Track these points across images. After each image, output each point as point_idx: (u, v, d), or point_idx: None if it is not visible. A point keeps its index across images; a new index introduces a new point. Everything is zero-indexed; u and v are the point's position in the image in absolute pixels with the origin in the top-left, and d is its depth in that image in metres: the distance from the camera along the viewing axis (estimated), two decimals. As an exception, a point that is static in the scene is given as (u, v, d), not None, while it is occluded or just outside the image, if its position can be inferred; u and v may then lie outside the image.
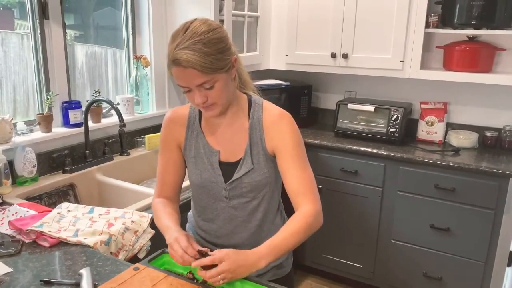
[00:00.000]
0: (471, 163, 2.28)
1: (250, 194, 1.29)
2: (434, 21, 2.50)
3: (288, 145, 1.25)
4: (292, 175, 1.24)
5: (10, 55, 2.00)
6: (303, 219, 1.19)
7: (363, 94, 3.06)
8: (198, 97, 1.15)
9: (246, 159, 1.26)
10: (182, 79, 1.13)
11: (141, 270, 1.16)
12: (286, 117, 1.28)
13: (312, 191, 1.25)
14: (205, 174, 1.30)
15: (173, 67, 1.12)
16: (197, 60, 1.08)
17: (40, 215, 1.45)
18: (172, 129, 1.33)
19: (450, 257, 2.41)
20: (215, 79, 1.13)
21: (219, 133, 1.30)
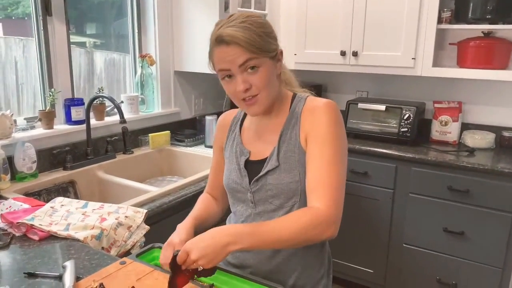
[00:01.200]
0: (487, 164, 2.17)
1: (276, 201, 1.15)
2: (447, 16, 2.41)
3: (318, 132, 1.08)
4: (314, 166, 1.06)
5: (31, 61, 2.03)
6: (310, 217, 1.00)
7: (375, 94, 2.98)
8: (240, 82, 1.06)
9: (272, 156, 1.15)
10: (224, 60, 1.06)
11: (127, 264, 1.12)
12: (328, 104, 1.11)
13: (332, 192, 1.03)
14: (233, 175, 1.23)
15: (217, 48, 1.06)
16: (242, 35, 1.03)
17: (33, 209, 1.42)
18: (218, 131, 1.34)
19: (465, 262, 2.29)
20: (259, 61, 1.06)
21: (255, 134, 1.23)
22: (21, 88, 2.03)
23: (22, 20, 2.00)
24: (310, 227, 0.99)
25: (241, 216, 1.25)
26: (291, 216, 1.03)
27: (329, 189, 1.03)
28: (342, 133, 1.11)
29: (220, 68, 1.09)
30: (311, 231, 0.99)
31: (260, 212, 1.20)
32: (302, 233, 0.99)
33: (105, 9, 2.43)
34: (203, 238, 0.97)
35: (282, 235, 0.98)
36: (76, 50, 2.26)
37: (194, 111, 2.83)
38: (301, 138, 1.13)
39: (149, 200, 1.65)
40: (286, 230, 0.99)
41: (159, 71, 2.54)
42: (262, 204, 1.19)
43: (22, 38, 2.02)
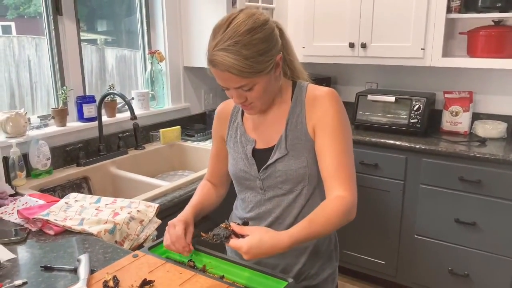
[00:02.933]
0: (499, 154, 2.15)
1: (285, 186, 1.20)
2: (456, 5, 2.39)
3: (327, 122, 1.13)
4: (328, 155, 1.11)
5: (44, 60, 2.06)
6: (338, 210, 1.05)
7: (384, 86, 2.96)
8: (236, 97, 1.12)
9: (280, 144, 1.19)
10: (219, 80, 1.10)
11: (140, 257, 1.15)
12: (330, 94, 1.16)
13: (350, 178, 1.11)
14: (240, 163, 1.26)
15: (211, 68, 1.09)
16: (234, 64, 1.02)
17: (48, 205, 1.46)
18: (217, 123, 1.34)
19: (477, 253, 2.29)
20: (254, 82, 1.08)
21: (259, 122, 1.25)
22: (35, 86, 2.07)
23: (34, 19, 2.03)
24: (345, 216, 1.07)
25: (250, 202, 1.28)
26: (328, 211, 1.06)
27: (346, 175, 1.11)
28: (347, 120, 1.17)
29: (218, 83, 1.12)
30: (345, 219, 1.07)
31: (270, 198, 1.24)
32: (338, 224, 1.06)
33: (115, 6, 2.46)
34: (263, 247, 0.97)
35: (326, 230, 1.05)
36: (87, 47, 2.30)
37: (204, 106, 2.85)
38: (309, 127, 1.17)
39: (161, 195, 1.68)
40: (330, 225, 1.05)
41: (169, 67, 2.56)
42: (271, 190, 1.23)
43: (35, 37, 2.05)
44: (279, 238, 0.98)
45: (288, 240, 0.98)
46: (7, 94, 1.98)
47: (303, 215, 1.17)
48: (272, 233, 1.00)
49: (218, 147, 1.36)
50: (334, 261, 1.33)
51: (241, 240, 0.99)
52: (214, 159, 1.38)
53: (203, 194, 1.33)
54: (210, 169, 1.40)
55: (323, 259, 1.29)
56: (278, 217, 1.23)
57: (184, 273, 1.08)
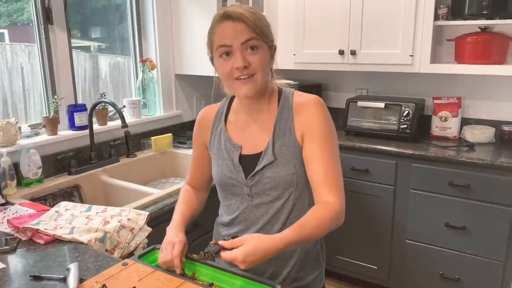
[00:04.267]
0: (486, 159, 2.18)
1: (273, 193, 1.20)
2: (443, 13, 2.42)
3: (315, 130, 1.16)
4: (317, 162, 1.14)
5: (37, 67, 2.08)
6: (327, 215, 1.08)
7: (374, 92, 2.99)
8: (240, 59, 1.10)
9: (268, 150, 1.19)
10: (227, 35, 1.11)
11: (129, 265, 1.15)
12: (317, 101, 1.19)
13: (338, 185, 1.14)
14: (225, 170, 1.25)
15: (219, 25, 1.12)
16: (249, 15, 1.10)
17: (38, 214, 1.47)
18: (199, 129, 1.34)
19: (468, 257, 2.31)
20: (260, 43, 1.12)
21: (244, 127, 1.25)
22: (27, 94, 2.07)
23: (27, 27, 2.04)
24: (334, 221, 1.10)
25: (237, 209, 1.28)
26: (318, 216, 1.09)
27: (335, 182, 1.14)
28: (334, 127, 1.21)
29: (221, 44, 1.12)
30: (334, 224, 1.11)
31: (257, 204, 1.24)
32: (328, 229, 1.09)
33: (108, 13, 2.47)
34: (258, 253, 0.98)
35: (315, 234, 1.09)
36: (80, 54, 2.31)
37: (196, 113, 2.85)
38: (297, 133, 1.18)
39: (152, 202, 1.69)
40: (319, 230, 1.08)
41: (160, 74, 2.58)
42: (259, 197, 1.23)
43: (28, 44, 2.06)
44: (272, 241, 1.00)
45: (281, 243, 1.00)
46: (0, 102, 1.98)
47: (291, 221, 1.19)
48: (265, 237, 1.02)
49: (199, 153, 1.35)
50: (321, 261, 1.36)
51: (235, 251, 0.99)
52: (195, 165, 1.38)
53: (188, 203, 1.33)
54: (192, 174, 1.40)
55: (311, 260, 1.31)
56: (267, 223, 1.24)
57: (174, 281, 1.08)
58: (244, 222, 1.27)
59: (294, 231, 1.04)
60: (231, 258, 0.99)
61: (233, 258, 0.98)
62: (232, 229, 1.30)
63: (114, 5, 2.48)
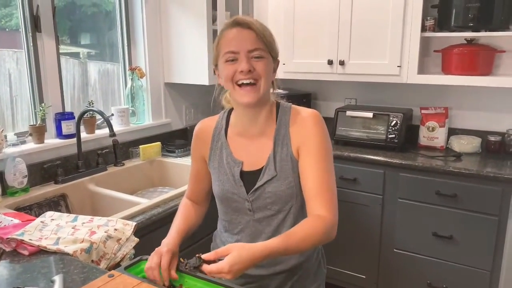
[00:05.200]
0: (473, 168, 2.21)
1: (275, 207, 1.22)
2: (430, 24, 2.46)
3: (312, 144, 1.17)
4: (312, 176, 1.15)
5: (25, 74, 2.05)
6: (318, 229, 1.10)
7: (363, 101, 3.02)
8: (245, 63, 1.13)
9: (269, 166, 1.21)
10: (236, 41, 1.13)
11: (115, 277, 1.14)
12: (315, 116, 1.21)
13: (332, 199, 1.15)
14: (227, 185, 1.25)
15: (228, 31, 1.15)
16: (259, 26, 1.14)
17: (23, 224, 1.44)
18: (197, 142, 1.34)
19: (455, 266, 2.33)
20: (266, 54, 1.16)
21: (244, 143, 1.26)
22: (15, 100, 2.05)
23: (16, 32, 2.02)
24: (324, 235, 1.11)
25: (239, 224, 1.28)
26: (307, 228, 1.10)
27: (328, 196, 1.15)
28: (330, 142, 1.23)
29: (228, 51, 1.14)
30: (324, 238, 1.12)
31: (259, 219, 1.25)
32: (317, 242, 1.11)
33: (98, 20, 2.46)
34: (244, 261, 0.99)
35: (302, 246, 1.09)
36: (69, 61, 2.29)
37: (185, 122, 2.86)
38: (293, 149, 1.20)
39: (139, 212, 1.68)
40: (307, 242, 1.09)
41: (149, 83, 2.57)
42: (261, 211, 1.24)
43: (16, 50, 2.04)
44: (256, 249, 1.01)
45: (266, 250, 1.02)
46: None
47: None
48: (248, 246, 1.03)
49: (198, 166, 1.35)
50: (323, 268, 1.39)
51: (220, 262, 0.99)
52: (194, 179, 1.38)
53: (186, 217, 1.31)
54: (191, 188, 1.40)
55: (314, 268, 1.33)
56: (270, 236, 1.22)
57: (160, 293, 1.07)
58: (247, 237, 1.27)
59: (279, 240, 1.05)
60: (217, 270, 0.99)
61: (219, 269, 0.98)
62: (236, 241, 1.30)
63: (103, 11, 2.47)
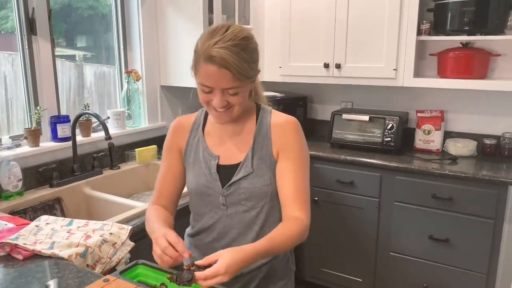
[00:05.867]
0: (469, 172, 2.22)
1: (248, 203, 1.25)
2: (426, 28, 2.47)
3: (291, 149, 1.23)
4: (289, 180, 1.21)
5: (20, 76, 2.05)
6: (296, 230, 1.16)
7: (359, 104, 3.02)
8: (219, 101, 1.13)
9: (246, 162, 1.23)
10: (211, 79, 1.10)
11: (111, 281, 1.13)
12: (294, 122, 1.26)
13: (307, 203, 1.22)
14: (202, 178, 1.27)
15: (206, 64, 1.09)
16: (234, 63, 1.07)
17: (18, 228, 1.43)
18: (175, 135, 1.33)
19: (451, 269, 2.33)
20: (242, 87, 1.14)
21: (222, 138, 1.29)
22: (10, 103, 2.04)
23: (12, 35, 2.01)
24: (300, 236, 1.17)
25: (211, 218, 1.29)
26: (288, 230, 1.16)
27: (304, 199, 1.22)
28: (307, 148, 1.28)
29: (203, 84, 1.13)
30: (300, 238, 1.17)
31: (231, 214, 1.27)
32: (295, 243, 1.17)
33: (94, 22, 2.46)
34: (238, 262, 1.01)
35: (284, 247, 1.15)
36: (65, 63, 2.29)
37: (182, 125, 2.85)
38: (274, 151, 1.24)
39: (135, 216, 1.67)
40: (289, 243, 1.15)
41: (145, 86, 2.56)
42: (234, 206, 1.26)
43: (11, 53, 2.03)
44: (246, 251, 1.05)
45: (253, 252, 1.05)
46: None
47: (264, 231, 1.24)
48: (237, 249, 1.06)
49: (172, 161, 1.32)
50: (291, 265, 1.41)
51: (215, 266, 1.00)
52: (169, 179, 1.33)
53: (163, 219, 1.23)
54: (160, 191, 1.33)
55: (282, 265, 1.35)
56: (241, 233, 1.27)
57: (155, 298, 1.07)
58: (217, 231, 1.29)
59: (264, 242, 1.09)
60: (213, 273, 0.99)
61: (215, 272, 0.99)
62: (205, 238, 1.32)
63: (100, 14, 2.47)
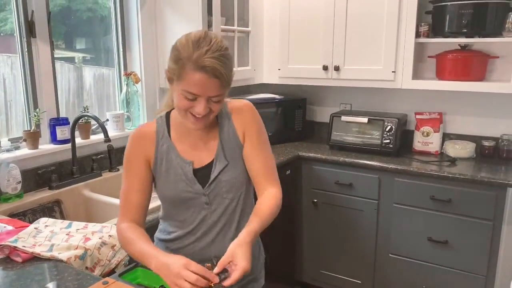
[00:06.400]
0: (467, 173, 2.22)
1: (229, 195, 1.28)
2: (424, 30, 2.48)
3: (253, 129, 1.30)
4: (259, 158, 1.29)
5: (19, 78, 2.04)
6: (275, 202, 1.26)
7: (358, 107, 3.03)
8: (204, 107, 1.14)
9: (219, 157, 1.27)
10: (199, 87, 1.11)
11: (110, 284, 1.13)
12: (249, 104, 1.33)
13: (276, 176, 1.33)
14: (180, 185, 1.27)
15: (196, 73, 1.10)
16: (224, 73, 1.12)
17: (17, 230, 1.43)
18: (139, 145, 1.28)
19: (450, 271, 2.33)
20: (224, 94, 1.17)
21: (191, 141, 1.30)
22: (9, 105, 2.04)
23: (11, 37, 2.01)
24: (279, 207, 1.27)
25: (195, 219, 1.30)
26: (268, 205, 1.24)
27: (274, 175, 1.32)
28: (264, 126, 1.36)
29: (190, 91, 1.13)
30: (278, 209, 1.27)
31: (215, 210, 1.29)
32: (275, 214, 1.26)
33: (94, 25, 2.46)
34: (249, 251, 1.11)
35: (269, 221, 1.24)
36: (65, 66, 2.29)
37: (181, 127, 2.85)
38: (239, 135, 1.30)
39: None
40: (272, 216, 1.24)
41: (145, 88, 2.56)
42: (217, 202, 1.29)
43: (10, 55, 2.03)
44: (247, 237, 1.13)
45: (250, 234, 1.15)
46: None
47: (243, 217, 1.31)
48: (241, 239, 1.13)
49: (140, 172, 1.27)
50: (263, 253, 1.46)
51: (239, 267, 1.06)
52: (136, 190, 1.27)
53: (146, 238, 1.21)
54: (132, 204, 1.27)
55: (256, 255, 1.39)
56: (225, 225, 1.30)
57: (155, 300, 1.07)
58: (202, 230, 1.30)
59: (256, 222, 1.18)
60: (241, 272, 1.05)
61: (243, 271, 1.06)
62: (187, 240, 1.32)
63: (99, 16, 2.47)
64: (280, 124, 2.92)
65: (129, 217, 1.26)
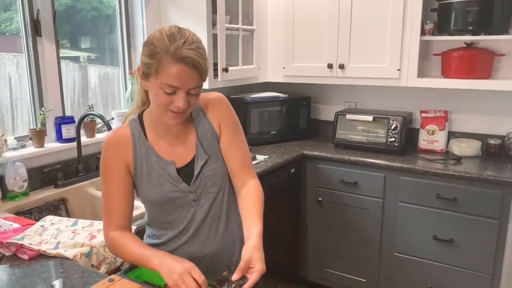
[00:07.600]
0: (473, 172, 2.21)
1: (215, 188, 1.29)
2: (430, 28, 2.47)
3: (228, 121, 1.31)
4: (235, 151, 1.30)
5: (25, 77, 2.06)
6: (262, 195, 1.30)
7: (363, 105, 3.02)
8: (183, 101, 1.12)
9: (199, 153, 1.27)
10: (179, 79, 1.10)
11: (116, 281, 1.14)
12: (220, 96, 1.34)
13: (252, 167, 1.36)
14: (165, 186, 1.24)
15: (175, 65, 1.08)
16: (203, 63, 1.12)
17: (23, 228, 1.44)
18: (116, 151, 1.24)
19: (456, 270, 2.32)
20: (201, 86, 1.17)
21: (170, 142, 1.27)
22: (15, 104, 2.05)
23: (16, 36, 2.02)
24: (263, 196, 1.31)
25: (184, 218, 1.28)
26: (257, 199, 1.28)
27: (251, 165, 1.35)
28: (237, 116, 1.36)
29: (171, 84, 1.10)
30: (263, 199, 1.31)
31: (203, 205, 1.29)
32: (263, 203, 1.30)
33: (98, 24, 2.47)
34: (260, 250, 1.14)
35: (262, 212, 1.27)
36: (70, 65, 2.30)
37: (185, 125, 2.85)
38: (215, 127, 1.30)
39: (139, 217, 1.67)
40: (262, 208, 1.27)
41: (149, 87, 2.57)
42: (204, 196, 1.28)
43: (16, 54, 2.04)
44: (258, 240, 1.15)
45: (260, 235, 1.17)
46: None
47: (229, 207, 1.33)
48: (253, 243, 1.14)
49: (122, 179, 1.24)
50: None
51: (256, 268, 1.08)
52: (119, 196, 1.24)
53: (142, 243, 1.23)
54: (117, 211, 1.24)
55: None
56: (214, 218, 1.30)
57: (160, 297, 1.07)
58: (193, 228, 1.29)
59: (259, 222, 1.21)
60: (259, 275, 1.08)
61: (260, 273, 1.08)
62: (178, 241, 1.30)
63: (104, 15, 2.48)
64: (285, 122, 2.92)
65: (116, 226, 1.24)
